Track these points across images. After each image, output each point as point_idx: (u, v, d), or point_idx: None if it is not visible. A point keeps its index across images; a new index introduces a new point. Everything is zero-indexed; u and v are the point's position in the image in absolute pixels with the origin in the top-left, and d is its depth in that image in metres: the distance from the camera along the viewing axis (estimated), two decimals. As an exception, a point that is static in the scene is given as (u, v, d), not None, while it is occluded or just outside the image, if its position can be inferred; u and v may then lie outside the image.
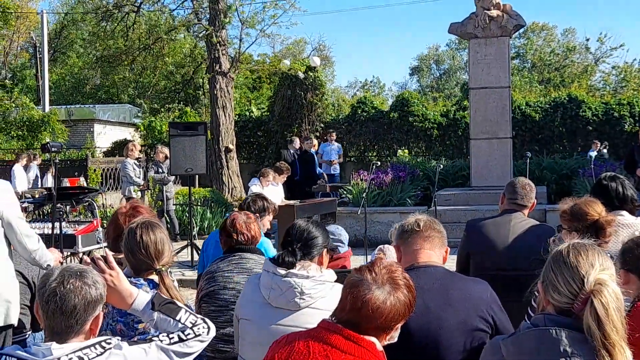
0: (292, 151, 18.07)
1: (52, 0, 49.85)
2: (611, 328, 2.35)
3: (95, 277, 2.69)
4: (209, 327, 3.00)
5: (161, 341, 2.84)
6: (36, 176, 19.95)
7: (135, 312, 3.07)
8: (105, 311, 2.94)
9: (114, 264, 3.08)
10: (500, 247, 4.84)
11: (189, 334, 2.91)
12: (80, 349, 2.57)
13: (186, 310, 3.01)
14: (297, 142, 18.60)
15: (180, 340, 2.88)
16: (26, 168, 19.34)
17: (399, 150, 21.51)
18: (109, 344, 2.65)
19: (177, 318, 2.95)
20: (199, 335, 2.94)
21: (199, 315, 3.05)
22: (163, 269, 3.49)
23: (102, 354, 2.60)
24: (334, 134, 19.92)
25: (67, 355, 2.54)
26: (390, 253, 5.33)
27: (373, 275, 2.62)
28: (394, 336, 2.69)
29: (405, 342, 3.10)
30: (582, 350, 2.39)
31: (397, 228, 3.59)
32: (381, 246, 5.61)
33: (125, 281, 3.07)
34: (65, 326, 2.58)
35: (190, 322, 2.96)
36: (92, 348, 2.60)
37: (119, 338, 2.74)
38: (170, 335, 2.88)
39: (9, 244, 4.83)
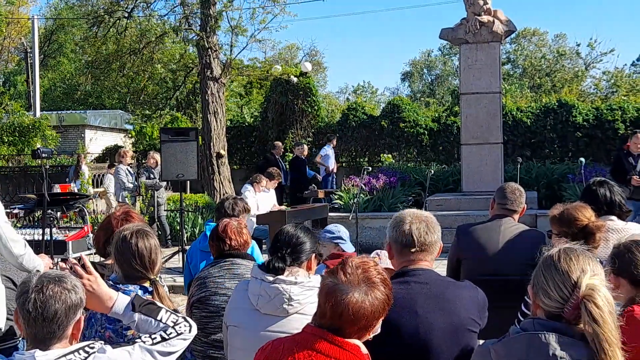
0: (277, 156, 18.08)
1: (42, 6, 49.73)
2: (608, 331, 2.36)
3: (74, 281, 2.69)
4: (190, 325, 3.01)
5: (144, 342, 2.83)
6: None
7: (115, 315, 3.06)
8: (85, 316, 2.92)
9: (91, 269, 3.07)
10: (490, 252, 4.85)
11: (171, 332, 2.91)
12: (64, 355, 2.56)
13: (167, 310, 3.01)
14: (279, 148, 18.60)
15: (163, 339, 2.88)
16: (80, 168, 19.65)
17: (384, 155, 21.50)
18: (92, 348, 2.65)
19: (158, 318, 2.95)
20: (181, 333, 2.94)
21: (179, 314, 3.05)
22: (157, 278, 3.48)
23: (86, 358, 2.59)
24: (334, 140, 19.98)
25: None
26: (385, 259, 5.32)
27: (347, 277, 2.59)
28: (376, 329, 2.68)
29: (396, 347, 3.10)
30: (571, 354, 2.40)
31: (391, 225, 3.54)
32: (377, 251, 5.60)
33: (103, 285, 3.06)
34: (47, 332, 2.58)
35: (172, 321, 2.96)
36: (76, 353, 2.59)
37: (102, 342, 2.73)
38: (153, 336, 2.88)
39: None
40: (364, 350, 2.63)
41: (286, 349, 2.62)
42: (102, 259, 4.44)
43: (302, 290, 3.40)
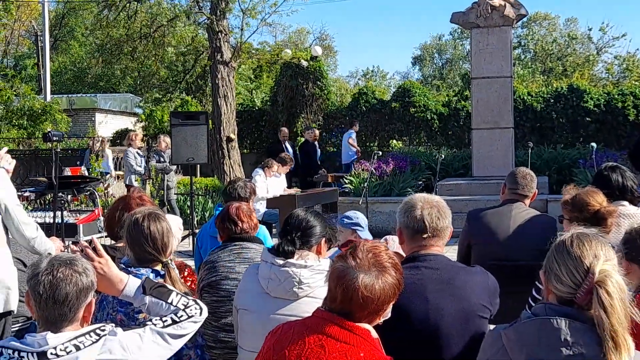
0: (284, 142, 18.09)
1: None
2: (616, 318, 2.35)
3: (85, 264, 2.69)
4: (201, 308, 3.01)
5: (155, 325, 2.84)
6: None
7: (126, 298, 3.07)
8: (97, 299, 2.93)
9: (102, 251, 3.08)
10: (501, 237, 4.84)
11: (181, 315, 2.92)
12: (76, 337, 2.57)
13: (177, 293, 3.01)
14: (284, 133, 18.59)
15: (174, 322, 2.89)
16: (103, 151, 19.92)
17: (393, 141, 21.44)
18: (104, 330, 2.65)
19: (169, 301, 2.96)
20: (192, 316, 2.95)
21: (190, 297, 3.05)
22: (169, 261, 3.49)
23: (97, 340, 2.60)
24: (356, 125, 20.04)
25: (62, 344, 2.53)
26: (394, 244, 5.29)
27: (358, 261, 2.57)
28: (387, 314, 2.67)
29: (406, 332, 3.10)
30: (582, 339, 2.39)
31: (402, 210, 3.50)
32: (387, 236, 5.58)
33: (114, 267, 3.07)
34: (59, 315, 2.58)
35: (182, 304, 2.96)
36: (87, 336, 2.60)
37: (113, 325, 2.74)
38: (164, 318, 2.89)
39: (6, 231, 4.80)
40: (374, 334, 2.62)
41: (296, 333, 2.62)
42: (113, 241, 4.46)
43: (312, 274, 3.40)
